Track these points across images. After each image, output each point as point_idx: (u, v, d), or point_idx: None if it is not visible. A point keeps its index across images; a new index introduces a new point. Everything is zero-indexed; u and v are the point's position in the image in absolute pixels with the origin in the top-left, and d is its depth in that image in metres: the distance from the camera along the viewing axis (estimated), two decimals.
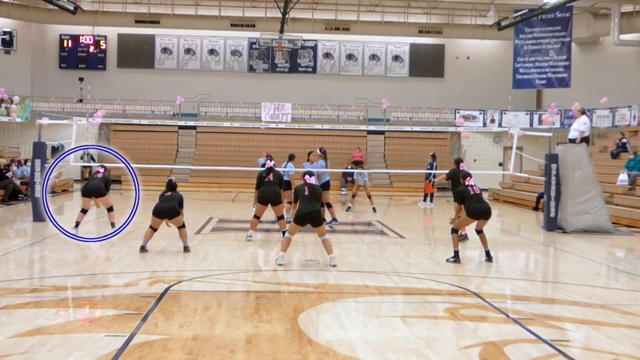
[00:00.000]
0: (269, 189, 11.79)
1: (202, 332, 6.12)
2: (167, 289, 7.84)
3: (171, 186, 10.99)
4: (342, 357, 5.50)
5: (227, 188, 28.72)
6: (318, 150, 15.69)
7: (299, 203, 10.10)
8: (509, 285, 8.93)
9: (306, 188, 10.04)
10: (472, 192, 10.61)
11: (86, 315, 6.78)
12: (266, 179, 11.85)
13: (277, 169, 12.64)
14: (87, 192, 12.93)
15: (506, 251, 12.20)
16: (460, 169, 13.06)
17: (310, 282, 8.75)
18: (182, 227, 10.83)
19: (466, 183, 10.81)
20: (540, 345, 5.95)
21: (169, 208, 10.66)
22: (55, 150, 29.15)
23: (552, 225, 15.01)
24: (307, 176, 10.36)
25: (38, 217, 14.38)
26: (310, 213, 9.83)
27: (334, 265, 9.65)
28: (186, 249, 10.72)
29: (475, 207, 10.47)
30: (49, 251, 10.84)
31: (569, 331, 6.64)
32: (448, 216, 12.82)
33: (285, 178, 13.96)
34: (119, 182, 31.03)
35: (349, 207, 19.39)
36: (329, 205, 15.15)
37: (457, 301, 7.68)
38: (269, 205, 11.92)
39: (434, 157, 21.46)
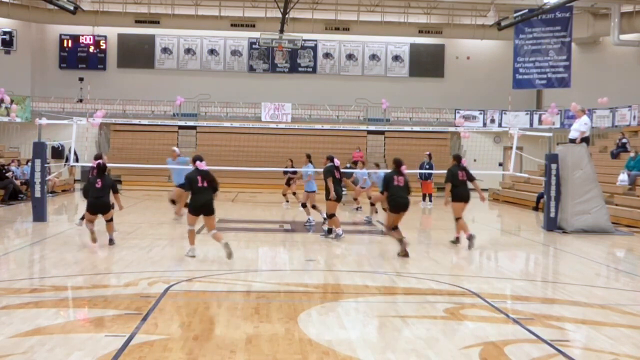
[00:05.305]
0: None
1: (202, 332, 6.11)
2: (167, 289, 7.83)
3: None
4: (342, 357, 5.49)
5: (227, 188, 28.62)
6: None
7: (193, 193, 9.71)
8: (509, 285, 8.92)
9: (199, 178, 9.73)
10: (395, 183, 10.53)
11: (86, 315, 6.77)
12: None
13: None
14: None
15: (506, 251, 12.19)
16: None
17: (310, 282, 8.74)
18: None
19: (402, 171, 10.69)
20: (540, 345, 5.95)
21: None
22: (55, 150, 29.25)
23: (552, 225, 15.01)
24: (197, 161, 9.85)
25: (38, 217, 14.40)
26: (205, 204, 9.65)
27: (229, 256, 9.56)
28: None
29: (396, 202, 10.49)
30: (49, 251, 10.83)
31: (569, 331, 6.63)
32: (448, 216, 12.80)
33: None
34: (119, 182, 31.11)
35: (359, 207, 19.13)
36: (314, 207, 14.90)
37: (457, 301, 7.67)
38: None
39: (430, 156, 21.67)
